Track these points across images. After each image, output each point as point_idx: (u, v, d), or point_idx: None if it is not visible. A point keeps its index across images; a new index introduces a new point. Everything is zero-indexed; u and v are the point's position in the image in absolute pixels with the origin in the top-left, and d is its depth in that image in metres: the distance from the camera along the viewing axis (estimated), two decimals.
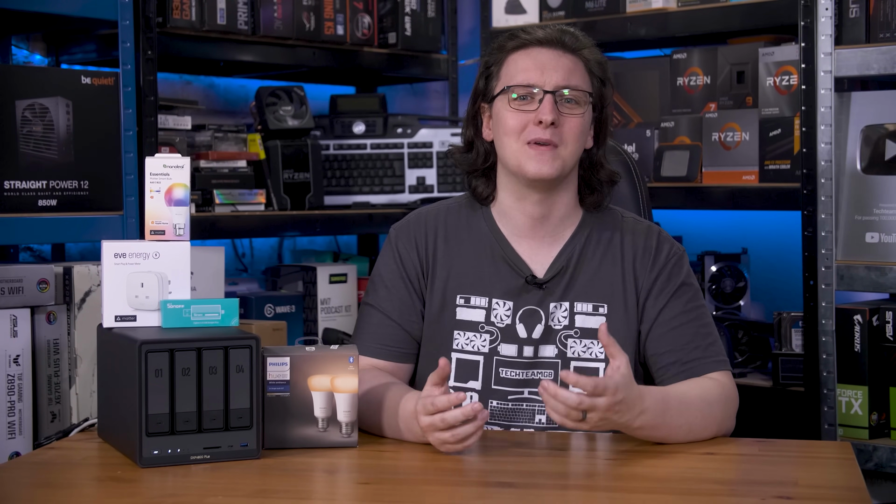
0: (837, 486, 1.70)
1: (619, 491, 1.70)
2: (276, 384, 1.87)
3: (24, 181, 2.53)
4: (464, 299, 2.07)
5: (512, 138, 2.03)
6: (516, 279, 2.07)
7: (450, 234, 2.12)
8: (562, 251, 2.08)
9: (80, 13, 2.62)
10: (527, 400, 2.04)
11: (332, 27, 3.23)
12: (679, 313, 2.05)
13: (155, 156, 1.92)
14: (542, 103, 2.00)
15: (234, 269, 3.53)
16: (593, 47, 2.09)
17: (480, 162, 2.11)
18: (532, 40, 2.05)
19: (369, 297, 2.13)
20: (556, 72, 2.03)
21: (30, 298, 2.34)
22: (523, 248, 2.09)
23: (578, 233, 2.10)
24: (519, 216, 2.09)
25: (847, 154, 2.79)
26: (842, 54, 2.72)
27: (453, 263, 2.09)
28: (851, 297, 2.90)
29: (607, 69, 2.10)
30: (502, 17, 3.53)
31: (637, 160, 2.86)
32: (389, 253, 2.12)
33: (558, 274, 2.06)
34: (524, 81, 2.03)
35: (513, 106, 2.03)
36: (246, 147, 3.12)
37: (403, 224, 2.15)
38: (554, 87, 2.01)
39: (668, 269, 2.07)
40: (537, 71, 2.03)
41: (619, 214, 2.14)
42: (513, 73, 2.05)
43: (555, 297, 2.06)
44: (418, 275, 2.09)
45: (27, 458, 2.03)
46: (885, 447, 2.69)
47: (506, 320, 2.06)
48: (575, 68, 2.05)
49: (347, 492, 1.76)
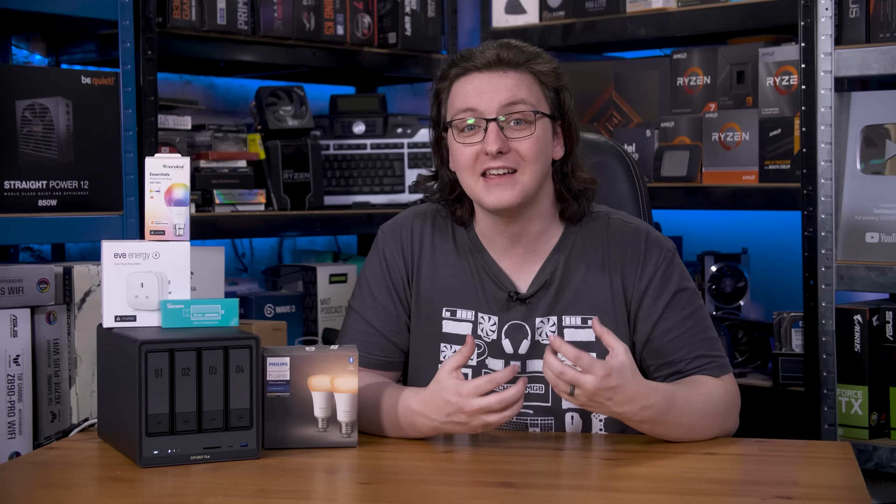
0: (837, 486, 1.70)
1: (619, 491, 1.70)
2: (276, 384, 1.87)
3: (24, 181, 2.53)
4: (450, 312, 2.05)
5: (466, 173, 1.98)
6: (500, 294, 2.04)
7: (436, 244, 2.09)
8: (544, 266, 2.04)
9: (80, 13, 2.62)
10: (519, 414, 2.00)
11: (332, 27, 3.23)
12: (676, 324, 2.01)
13: (155, 156, 1.92)
14: (487, 133, 1.94)
15: (234, 269, 3.53)
16: (540, 57, 2.00)
17: (447, 193, 2.07)
18: (471, 66, 1.97)
19: (355, 300, 2.11)
20: (496, 94, 1.95)
21: (30, 298, 2.34)
22: (506, 264, 2.05)
23: (561, 245, 2.05)
24: (496, 236, 2.05)
25: (847, 154, 2.79)
26: (842, 54, 2.72)
27: (438, 275, 2.07)
28: (851, 297, 2.90)
29: (560, 76, 2.02)
30: (502, 17, 3.53)
31: (637, 160, 2.86)
32: (377, 257, 2.10)
33: (542, 288, 2.03)
34: (463, 113, 1.96)
35: (459, 140, 1.97)
36: (246, 147, 3.12)
37: (392, 227, 2.12)
38: (496, 112, 1.94)
39: (658, 276, 2.02)
40: (477, 97, 1.95)
41: (604, 218, 2.07)
42: (455, 102, 1.98)
43: (540, 312, 2.02)
44: (404, 283, 2.08)
45: (27, 458, 2.03)
46: (885, 447, 2.69)
47: (492, 335, 2.04)
48: (519, 85, 1.96)
49: (347, 492, 1.76)
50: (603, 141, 2.43)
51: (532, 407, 2.02)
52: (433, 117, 2.05)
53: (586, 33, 3.34)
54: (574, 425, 2.02)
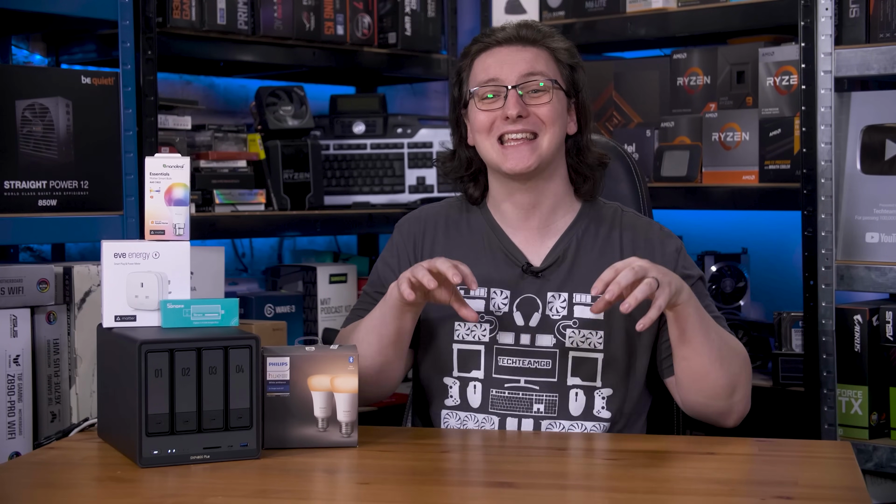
0: (837, 486, 1.70)
1: (619, 491, 1.70)
2: (276, 384, 1.87)
3: (24, 181, 2.53)
4: (463, 290, 2.08)
5: (484, 136, 2.08)
6: (513, 268, 2.10)
7: (450, 228, 2.17)
8: (559, 241, 2.11)
9: (80, 13, 2.62)
10: (523, 389, 2.05)
11: (332, 27, 3.23)
12: None
13: (155, 156, 1.92)
14: (507, 99, 2.05)
15: (234, 269, 3.53)
16: (556, 36, 2.12)
17: (464, 169, 2.16)
18: (492, 41, 2.10)
19: (368, 284, 2.21)
20: (516, 65, 2.06)
21: (30, 298, 2.34)
22: (519, 238, 2.12)
23: (576, 224, 2.12)
24: (510, 208, 2.12)
25: (847, 154, 2.79)
26: (842, 54, 2.72)
27: (452, 256, 2.10)
28: (851, 297, 2.90)
29: (576, 54, 2.13)
30: (502, 17, 3.53)
31: (637, 160, 2.86)
32: (390, 246, 2.20)
33: (555, 263, 2.09)
34: (486, 79, 2.07)
35: (480, 106, 2.08)
36: (246, 147, 3.12)
37: (406, 219, 2.22)
38: (516, 81, 2.05)
39: (678, 263, 2.08)
40: (498, 68, 2.07)
41: (619, 209, 2.16)
42: (477, 75, 2.10)
43: (553, 287, 2.08)
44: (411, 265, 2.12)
45: (27, 458, 2.03)
46: (885, 447, 2.69)
47: (503, 309, 2.08)
48: (537, 59, 2.08)
49: (347, 492, 1.76)
50: (603, 141, 2.44)
51: (538, 382, 2.05)
52: (454, 96, 2.16)
53: (586, 33, 3.34)
54: (578, 402, 2.05)
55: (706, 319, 1.95)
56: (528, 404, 2.05)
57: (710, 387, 1.97)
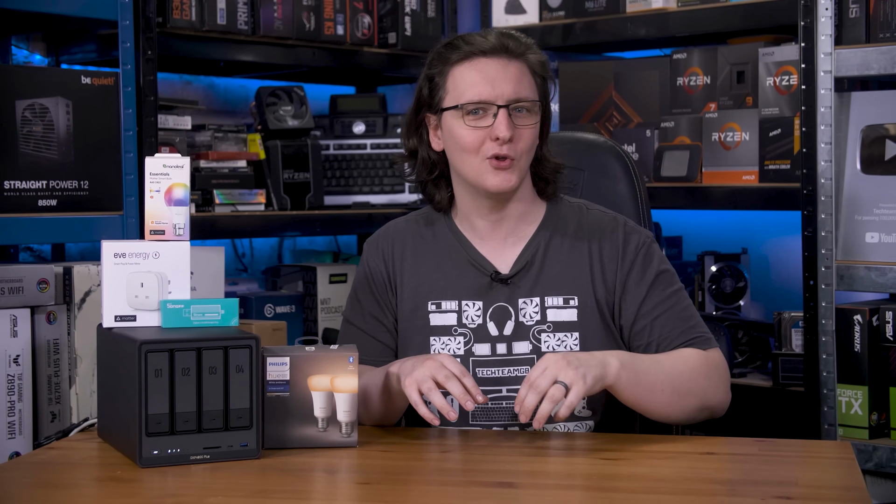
0: (837, 486, 1.70)
1: (619, 491, 1.69)
2: (276, 384, 1.87)
3: (24, 181, 2.53)
4: (435, 305, 2.08)
5: (470, 155, 2.02)
6: (482, 278, 2.08)
7: (417, 244, 2.14)
8: (526, 247, 2.09)
9: (80, 13, 2.63)
10: (505, 398, 2.04)
11: (332, 27, 3.23)
12: (660, 302, 2.04)
13: (155, 156, 1.92)
14: (497, 119, 1.99)
15: (234, 269, 3.53)
16: (534, 47, 2.08)
17: (426, 173, 2.12)
18: (475, 51, 2.02)
19: (346, 311, 2.19)
20: (506, 84, 2.00)
21: (30, 298, 2.34)
22: (487, 249, 2.10)
23: (542, 228, 2.11)
24: (478, 220, 2.10)
25: (847, 154, 2.79)
26: (842, 54, 2.72)
27: (421, 271, 2.12)
28: (851, 297, 2.90)
29: (548, 66, 2.10)
30: (502, 17, 3.53)
31: (637, 160, 2.86)
32: (361, 269, 2.18)
33: (524, 269, 2.07)
34: (476, 98, 2.00)
35: (467, 123, 2.01)
36: (246, 147, 3.12)
37: (373, 239, 2.19)
38: (507, 101, 2.00)
39: (638, 262, 2.07)
40: (487, 85, 2.00)
41: (583, 208, 2.14)
42: (462, 88, 2.02)
43: (523, 293, 2.07)
44: (386, 287, 2.13)
45: (27, 458, 2.03)
46: (885, 447, 2.69)
47: (477, 320, 2.07)
48: (522, 76, 2.03)
49: (347, 492, 1.76)
50: (602, 141, 2.43)
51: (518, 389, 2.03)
52: (423, 98, 2.08)
53: (586, 33, 3.34)
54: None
55: (647, 373, 1.93)
56: (510, 412, 2.03)
57: (679, 416, 1.99)
